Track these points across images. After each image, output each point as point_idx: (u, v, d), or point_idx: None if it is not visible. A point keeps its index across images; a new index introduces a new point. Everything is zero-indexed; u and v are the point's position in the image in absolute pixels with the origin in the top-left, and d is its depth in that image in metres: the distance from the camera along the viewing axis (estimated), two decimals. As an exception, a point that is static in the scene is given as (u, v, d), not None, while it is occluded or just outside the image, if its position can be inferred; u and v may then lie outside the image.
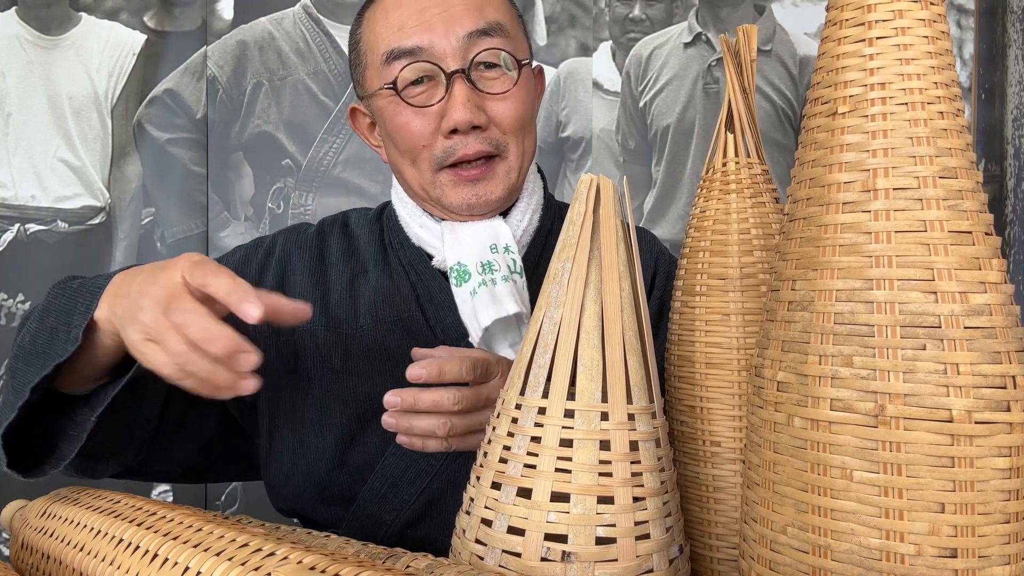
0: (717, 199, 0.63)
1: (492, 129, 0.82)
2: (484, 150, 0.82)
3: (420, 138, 0.82)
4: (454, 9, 0.81)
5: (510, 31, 0.84)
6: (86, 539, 0.51)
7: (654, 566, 0.50)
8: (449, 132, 0.81)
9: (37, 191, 1.61)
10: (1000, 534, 0.42)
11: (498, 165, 0.83)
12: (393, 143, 0.85)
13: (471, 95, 0.80)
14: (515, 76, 0.83)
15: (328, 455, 0.84)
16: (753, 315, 0.60)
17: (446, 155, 0.82)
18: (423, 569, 0.51)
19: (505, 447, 0.52)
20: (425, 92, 0.82)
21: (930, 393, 0.41)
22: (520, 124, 0.84)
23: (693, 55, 1.67)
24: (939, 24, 0.45)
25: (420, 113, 0.81)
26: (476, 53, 0.81)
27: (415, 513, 0.81)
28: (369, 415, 0.83)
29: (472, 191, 0.83)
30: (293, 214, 1.63)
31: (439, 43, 0.80)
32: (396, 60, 0.81)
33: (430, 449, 0.69)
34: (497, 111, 0.82)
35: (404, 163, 0.85)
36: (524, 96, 0.84)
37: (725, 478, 0.60)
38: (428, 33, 0.80)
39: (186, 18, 1.64)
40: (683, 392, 0.62)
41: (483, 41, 0.81)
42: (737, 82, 0.65)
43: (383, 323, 0.86)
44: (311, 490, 0.86)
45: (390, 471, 0.81)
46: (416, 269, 0.87)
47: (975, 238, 0.43)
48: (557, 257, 0.53)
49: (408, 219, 0.89)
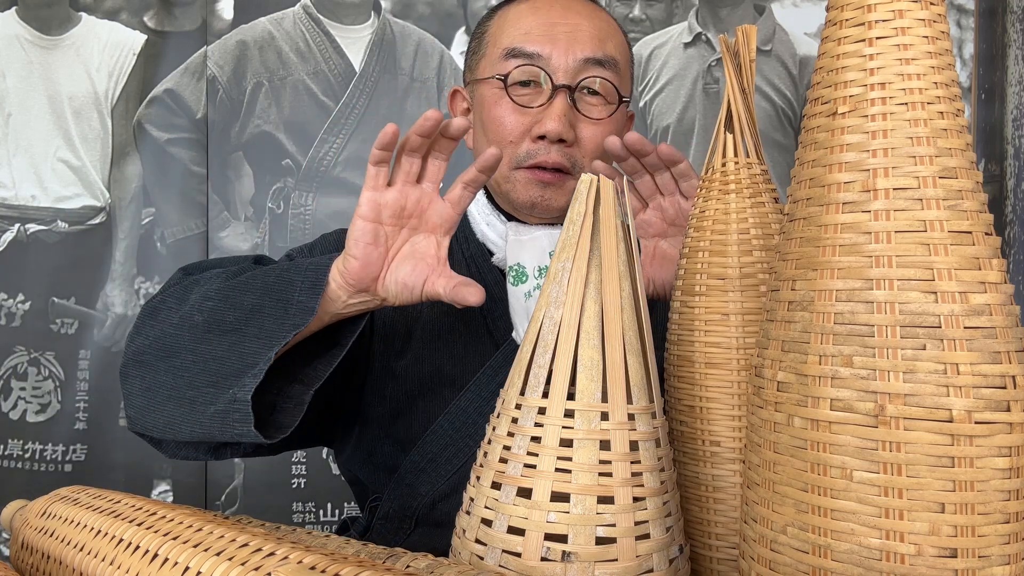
0: (716, 199, 0.63)
1: (575, 148, 0.88)
2: (562, 163, 0.87)
3: (510, 133, 0.88)
4: (580, 33, 0.88)
5: (621, 69, 0.91)
6: (86, 539, 0.51)
7: (654, 566, 0.50)
8: (537, 137, 0.87)
9: (37, 191, 1.61)
10: (1000, 534, 0.42)
11: (568, 181, 0.89)
12: (484, 131, 0.91)
13: (568, 111, 0.86)
14: (612, 108, 0.89)
15: (377, 424, 0.92)
16: (752, 315, 0.60)
17: (527, 156, 0.88)
18: (423, 569, 0.51)
19: (505, 447, 0.52)
20: (529, 95, 0.88)
21: (930, 393, 0.41)
22: (600, 151, 0.89)
23: (693, 55, 1.67)
24: (939, 24, 0.45)
25: (518, 111, 0.88)
26: (585, 77, 0.87)
27: (448, 487, 0.88)
28: (416, 393, 0.90)
29: (540, 193, 0.88)
30: (293, 214, 1.63)
31: (557, 58, 0.87)
32: (514, 58, 0.88)
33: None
34: (585, 133, 0.88)
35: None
36: (612, 129, 0.90)
37: (724, 478, 0.60)
38: (550, 46, 0.87)
39: (186, 18, 1.64)
40: (682, 392, 0.62)
41: (595, 69, 0.88)
42: (736, 82, 0.65)
43: (441, 306, 0.92)
44: (362, 454, 0.94)
45: (430, 448, 0.88)
46: (476, 263, 0.94)
47: (975, 238, 0.43)
48: (557, 257, 0.53)
49: (477, 216, 0.95)
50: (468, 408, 0.88)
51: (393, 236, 0.73)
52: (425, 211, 0.73)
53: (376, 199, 0.71)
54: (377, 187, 0.71)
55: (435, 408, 0.89)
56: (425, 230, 0.74)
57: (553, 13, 0.88)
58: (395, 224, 0.73)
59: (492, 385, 0.87)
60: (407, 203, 0.72)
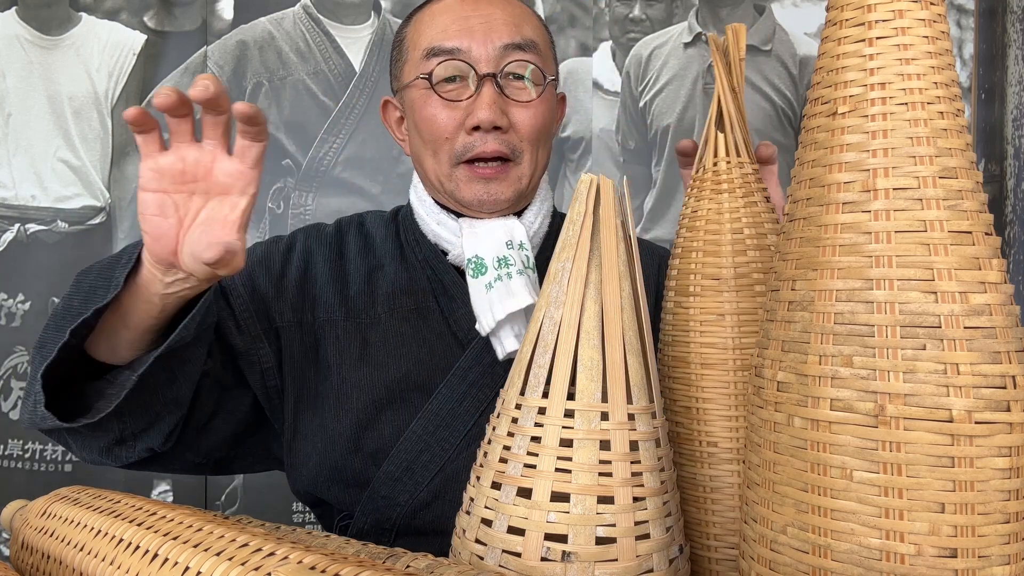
0: (709, 199, 0.63)
1: (511, 134, 0.88)
2: (501, 151, 0.87)
3: (444, 130, 0.88)
4: (495, 22, 0.88)
5: (542, 51, 0.91)
6: (86, 539, 0.51)
7: (654, 566, 0.50)
8: (472, 129, 0.87)
9: (37, 191, 1.61)
10: (1000, 534, 0.42)
11: (511, 169, 0.89)
12: (418, 133, 0.91)
13: (497, 98, 0.86)
14: (539, 90, 0.89)
15: (344, 439, 0.88)
16: (748, 315, 0.60)
17: (465, 150, 0.88)
18: (423, 569, 0.51)
19: (505, 447, 0.52)
20: (456, 89, 0.88)
21: (930, 393, 0.41)
22: (537, 134, 0.90)
23: (693, 55, 1.67)
24: (939, 24, 0.45)
25: (448, 106, 0.88)
26: (508, 62, 0.88)
27: (429, 494, 0.85)
28: (385, 401, 0.88)
29: (484, 188, 0.88)
30: (293, 214, 1.63)
31: (476, 49, 0.87)
32: (434, 56, 0.88)
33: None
34: (518, 118, 0.88)
35: (426, 154, 0.91)
36: (545, 110, 0.90)
37: (722, 478, 0.60)
38: (468, 39, 0.87)
39: (186, 18, 1.64)
40: (678, 393, 0.62)
41: (516, 53, 0.88)
42: (726, 81, 0.65)
43: (400, 312, 0.91)
44: (327, 472, 0.90)
45: (404, 456, 0.86)
46: (432, 264, 0.92)
47: (975, 238, 0.43)
48: (557, 257, 0.53)
49: (426, 216, 0.94)
50: (440, 411, 0.86)
51: (185, 204, 0.67)
52: (211, 171, 0.67)
53: (151, 166, 0.66)
54: (150, 154, 0.66)
55: (405, 416, 0.87)
56: (218, 192, 0.67)
57: (465, 7, 0.89)
58: (181, 190, 0.67)
59: (463, 386, 0.86)
60: (186, 165, 0.66)
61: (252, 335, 0.90)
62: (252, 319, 0.90)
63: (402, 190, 1.65)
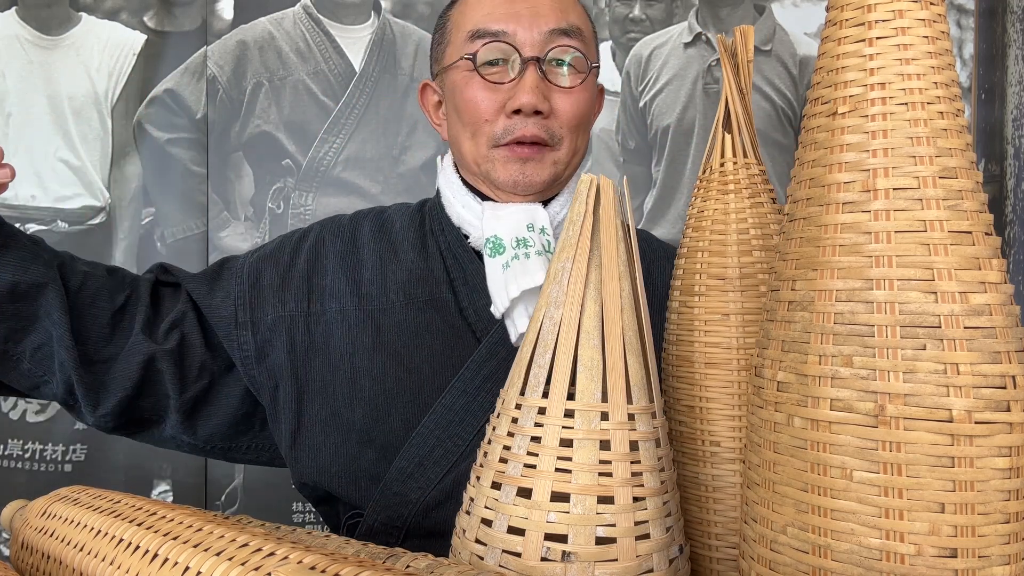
0: (715, 199, 0.63)
1: (552, 119, 0.88)
2: (540, 135, 0.87)
3: (485, 112, 0.88)
4: (542, 7, 0.88)
5: (586, 38, 0.91)
6: (86, 539, 0.51)
7: (654, 566, 0.50)
8: (512, 112, 0.87)
9: (37, 191, 1.61)
10: (1000, 534, 0.42)
11: (548, 153, 0.89)
12: (458, 115, 0.91)
13: (540, 83, 0.87)
14: (582, 77, 0.89)
15: (358, 428, 0.88)
16: (752, 315, 0.60)
17: (504, 133, 0.88)
18: (423, 569, 0.51)
19: (505, 447, 0.52)
20: (499, 72, 0.88)
21: (930, 393, 0.41)
22: (577, 120, 0.90)
23: (693, 55, 1.67)
24: (939, 24, 0.45)
25: (490, 89, 0.88)
26: (552, 47, 0.88)
27: (441, 493, 0.84)
28: (397, 391, 0.88)
29: (520, 169, 0.88)
30: (293, 214, 1.63)
31: (522, 33, 0.87)
32: (479, 39, 0.88)
33: None
34: (560, 104, 0.88)
35: (464, 136, 0.91)
36: (586, 97, 0.91)
37: (724, 478, 0.60)
38: (514, 23, 0.87)
39: (186, 18, 1.64)
40: (682, 392, 0.62)
41: (561, 39, 0.88)
42: (734, 82, 0.65)
43: (414, 302, 0.91)
44: (340, 463, 0.89)
45: (417, 451, 0.85)
46: (453, 251, 0.92)
47: (975, 238, 0.43)
48: (557, 257, 0.53)
49: (452, 199, 0.93)
50: (454, 406, 0.85)
51: None
52: None
53: None
54: None
55: (416, 410, 0.86)
56: None
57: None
58: None
59: (477, 380, 0.85)
60: None
61: (238, 323, 0.91)
62: (244, 307, 0.91)
63: (402, 190, 1.65)
